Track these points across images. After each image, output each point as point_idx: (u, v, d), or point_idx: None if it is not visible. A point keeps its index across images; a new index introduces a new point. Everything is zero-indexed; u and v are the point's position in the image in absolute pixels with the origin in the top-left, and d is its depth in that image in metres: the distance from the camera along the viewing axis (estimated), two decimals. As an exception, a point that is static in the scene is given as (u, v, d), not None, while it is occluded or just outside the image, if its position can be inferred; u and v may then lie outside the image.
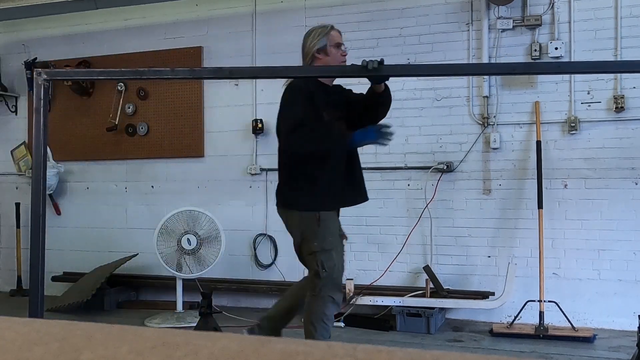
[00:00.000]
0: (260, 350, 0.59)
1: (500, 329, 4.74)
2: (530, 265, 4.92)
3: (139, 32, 6.29)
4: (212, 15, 6.07)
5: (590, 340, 4.49)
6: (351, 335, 4.77)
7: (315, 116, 3.43)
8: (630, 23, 4.87)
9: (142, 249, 5.85)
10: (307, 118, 3.38)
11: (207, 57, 6.03)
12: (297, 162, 3.47)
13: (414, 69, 4.18)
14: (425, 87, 5.35)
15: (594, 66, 3.83)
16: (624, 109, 4.86)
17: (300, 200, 3.49)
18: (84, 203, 6.50)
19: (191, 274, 5.29)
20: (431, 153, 5.34)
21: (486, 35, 5.20)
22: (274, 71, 3.86)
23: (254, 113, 5.87)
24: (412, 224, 5.30)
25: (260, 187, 5.87)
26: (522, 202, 5.08)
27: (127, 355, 0.59)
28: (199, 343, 0.61)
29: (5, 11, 6.17)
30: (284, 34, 5.80)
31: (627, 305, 4.73)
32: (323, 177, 3.46)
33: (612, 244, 4.86)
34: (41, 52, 6.52)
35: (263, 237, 5.86)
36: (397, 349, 0.60)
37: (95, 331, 0.65)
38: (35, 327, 0.68)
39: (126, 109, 6.26)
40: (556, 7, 5.04)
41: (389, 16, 5.49)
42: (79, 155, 6.46)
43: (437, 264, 5.28)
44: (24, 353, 0.61)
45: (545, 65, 4.64)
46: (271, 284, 5.75)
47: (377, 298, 5.06)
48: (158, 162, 6.22)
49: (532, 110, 5.09)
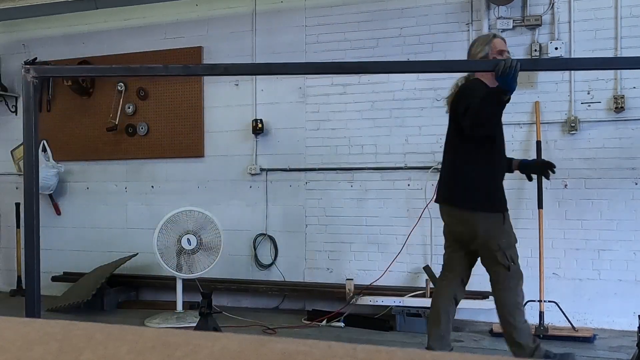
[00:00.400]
0: (260, 350, 0.59)
1: (500, 329, 4.72)
2: (530, 265, 4.92)
3: (139, 32, 6.29)
4: (212, 15, 6.07)
5: (590, 340, 4.49)
6: (351, 335, 4.77)
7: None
8: (630, 23, 4.87)
9: (142, 249, 5.85)
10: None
11: (207, 57, 6.03)
12: (478, 165, 3.64)
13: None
14: (425, 87, 5.35)
15: (600, 63, 3.85)
16: (624, 109, 4.86)
17: (489, 202, 3.64)
18: (84, 203, 6.50)
19: (191, 274, 5.28)
20: (431, 153, 5.34)
21: (486, 35, 5.19)
22: (270, 68, 3.85)
23: (254, 113, 5.87)
24: (412, 224, 5.30)
25: (260, 187, 5.87)
26: (522, 202, 5.08)
27: (127, 355, 0.59)
28: (199, 343, 0.61)
29: (5, 11, 6.17)
30: (284, 34, 5.80)
31: (627, 305, 4.73)
32: (497, 179, 3.69)
33: (612, 244, 4.86)
34: (41, 52, 6.52)
35: (263, 237, 5.86)
36: (397, 349, 0.60)
37: (95, 331, 0.65)
38: (35, 327, 0.68)
39: (126, 109, 6.26)
40: (556, 7, 5.04)
41: (389, 16, 5.49)
42: (79, 155, 6.46)
43: (437, 264, 5.27)
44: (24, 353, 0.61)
45: (550, 62, 4.64)
46: (271, 284, 5.75)
47: (377, 298, 5.06)
48: (158, 162, 6.22)
49: (532, 110, 5.09)
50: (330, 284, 5.57)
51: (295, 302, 5.74)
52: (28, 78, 2.65)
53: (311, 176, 5.72)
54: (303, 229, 5.74)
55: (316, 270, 5.69)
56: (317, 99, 5.69)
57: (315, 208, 5.69)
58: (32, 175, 2.69)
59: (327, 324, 5.07)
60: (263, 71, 4.41)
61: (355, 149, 5.58)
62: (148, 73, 3.84)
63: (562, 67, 4.65)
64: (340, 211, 5.61)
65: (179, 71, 3.84)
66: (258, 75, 5.71)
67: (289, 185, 5.78)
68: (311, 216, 5.71)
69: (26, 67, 2.68)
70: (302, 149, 5.74)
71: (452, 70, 3.91)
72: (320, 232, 5.67)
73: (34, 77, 2.66)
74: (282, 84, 5.78)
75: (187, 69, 4.18)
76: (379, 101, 5.50)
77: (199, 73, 4.92)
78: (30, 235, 2.69)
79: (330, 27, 5.65)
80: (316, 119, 5.69)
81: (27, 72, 2.66)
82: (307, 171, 5.73)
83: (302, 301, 5.70)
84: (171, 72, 3.27)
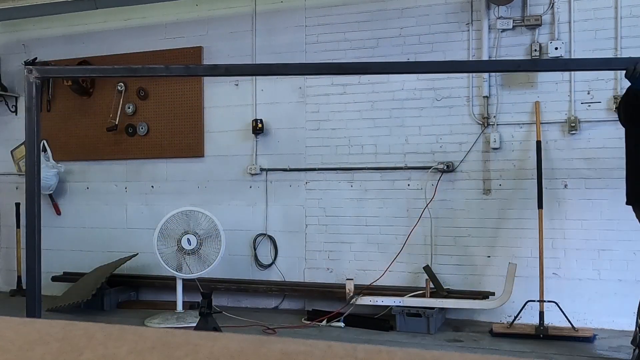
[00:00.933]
0: (260, 350, 0.59)
1: (500, 329, 4.74)
2: (530, 265, 4.92)
3: (139, 32, 6.29)
4: (212, 15, 6.07)
5: (590, 340, 4.49)
6: (351, 335, 4.77)
7: None
8: (630, 23, 4.87)
9: (142, 249, 5.85)
10: None
11: (207, 57, 6.03)
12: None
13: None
14: (425, 87, 5.35)
15: (601, 63, 3.85)
16: (624, 109, 4.85)
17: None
18: (84, 203, 6.50)
19: (191, 274, 5.29)
20: (431, 153, 5.34)
21: (486, 35, 5.20)
22: (271, 69, 3.86)
23: (254, 113, 5.87)
24: (412, 224, 5.30)
25: (260, 187, 5.87)
26: (522, 202, 5.08)
27: (127, 355, 0.59)
28: (199, 343, 0.61)
29: (5, 11, 6.17)
30: (284, 34, 5.80)
31: (627, 305, 4.72)
32: None
33: (612, 244, 4.86)
34: (41, 52, 6.52)
35: (263, 237, 5.86)
36: (397, 349, 0.60)
37: (95, 331, 0.65)
38: (36, 327, 0.68)
39: (126, 109, 6.26)
40: (556, 7, 5.04)
41: (389, 16, 5.49)
42: (79, 155, 6.46)
43: (437, 264, 5.28)
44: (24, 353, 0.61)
45: (549, 62, 4.65)
46: (271, 284, 5.75)
47: (377, 298, 5.06)
48: (158, 162, 6.22)
49: (532, 110, 5.09)
50: (330, 284, 5.57)
51: (295, 302, 5.74)
52: (31, 79, 2.66)
53: (311, 176, 5.72)
54: (303, 229, 5.74)
55: (316, 270, 5.69)
56: (317, 99, 5.69)
57: (315, 208, 5.69)
58: (34, 175, 2.70)
59: (327, 324, 5.07)
60: (264, 72, 4.42)
61: (355, 149, 5.58)
62: (149, 73, 3.86)
63: (562, 67, 4.66)
64: (340, 211, 5.61)
65: (181, 72, 3.84)
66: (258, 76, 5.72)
67: (289, 185, 5.78)
68: (311, 216, 5.71)
69: (29, 67, 2.68)
70: (302, 149, 5.74)
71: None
72: (320, 232, 5.67)
73: (36, 78, 2.66)
74: (282, 84, 5.78)
75: (189, 70, 4.19)
76: (379, 101, 5.50)
77: (200, 74, 4.92)
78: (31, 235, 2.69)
79: (330, 27, 5.65)
80: (316, 119, 5.69)
81: (30, 73, 2.67)
82: (307, 171, 5.73)
83: (302, 301, 5.70)
84: (173, 72, 3.28)
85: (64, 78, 6.13)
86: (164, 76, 5.38)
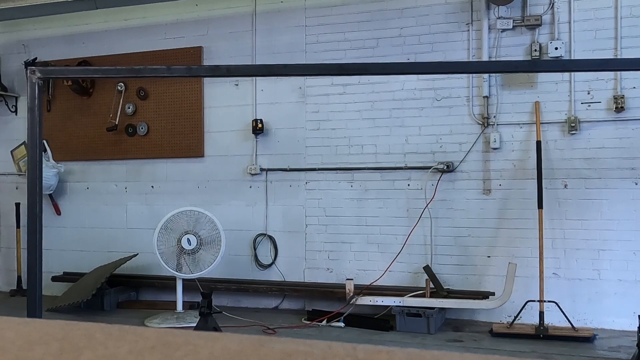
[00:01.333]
0: (260, 350, 0.59)
1: (500, 329, 4.74)
2: (530, 265, 4.92)
3: (139, 32, 6.29)
4: (212, 15, 6.07)
5: (590, 340, 4.49)
6: (351, 335, 4.77)
7: None
8: (630, 23, 4.87)
9: (142, 249, 5.86)
10: None
11: (207, 57, 6.04)
12: None
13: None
14: (425, 87, 5.35)
15: (599, 64, 3.84)
16: (624, 109, 4.86)
17: None
18: (84, 203, 6.50)
19: (191, 274, 5.29)
20: (431, 153, 5.34)
21: (486, 35, 5.20)
22: (271, 69, 3.85)
23: (254, 113, 5.87)
24: (412, 224, 5.30)
25: (260, 187, 5.87)
26: (522, 202, 5.08)
27: (127, 355, 0.59)
28: (199, 343, 0.61)
29: (5, 11, 6.17)
30: (284, 34, 5.80)
31: (627, 305, 4.73)
32: None
33: (612, 244, 4.86)
34: (41, 52, 6.52)
35: (263, 237, 5.86)
36: (397, 349, 0.60)
37: (95, 331, 0.65)
38: (35, 327, 0.68)
39: (126, 109, 6.26)
40: (556, 7, 5.05)
41: (389, 16, 5.50)
42: (79, 155, 6.46)
43: (437, 264, 5.28)
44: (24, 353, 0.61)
45: (548, 63, 4.65)
46: (271, 284, 5.75)
47: (377, 298, 5.06)
48: (158, 162, 6.22)
49: (532, 110, 5.09)
50: (330, 284, 5.57)
51: (295, 302, 5.74)
52: (33, 79, 2.66)
53: (311, 176, 5.72)
54: (303, 229, 5.74)
55: (316, 270, 5.69)
56: (317, 99, 5.69)
57: (315, 208, 5.69)
58: (36, 175, 2.70)
59: (327, 324, 5.08)
60: (265, 73, 4.41)
61: (355, 149, 5.58)
62: (152, 74, 3.86)
63: (561, 68, 4.66)
64: (340, 211, 5.61)
65: (182, 72, 3.84)
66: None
67: (289, 185, 5.78)
68: (311, 216, 5.71)
69: (31, 68, 2.68)
70: (302, 149, 5.74)
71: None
72: (320, 232, 5.67)
73: (39, 78, 2.66)
74: (282, 84, 5.78)
75: (190, 71, 4.18)
76: (379, 101, 5.50)
77: (202, 74, 4.92)
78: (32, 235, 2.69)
79: (330, 27, 5.65)
80: (316, 119, 5.69)
81: (32, 73, 2.67)
82: (307, 171, 5.73)
83: (302, 301, 5.70)
84: (174, 73, 3.27)
85: (67, 79, 6.13)
86: (166, 77, 5.38)
